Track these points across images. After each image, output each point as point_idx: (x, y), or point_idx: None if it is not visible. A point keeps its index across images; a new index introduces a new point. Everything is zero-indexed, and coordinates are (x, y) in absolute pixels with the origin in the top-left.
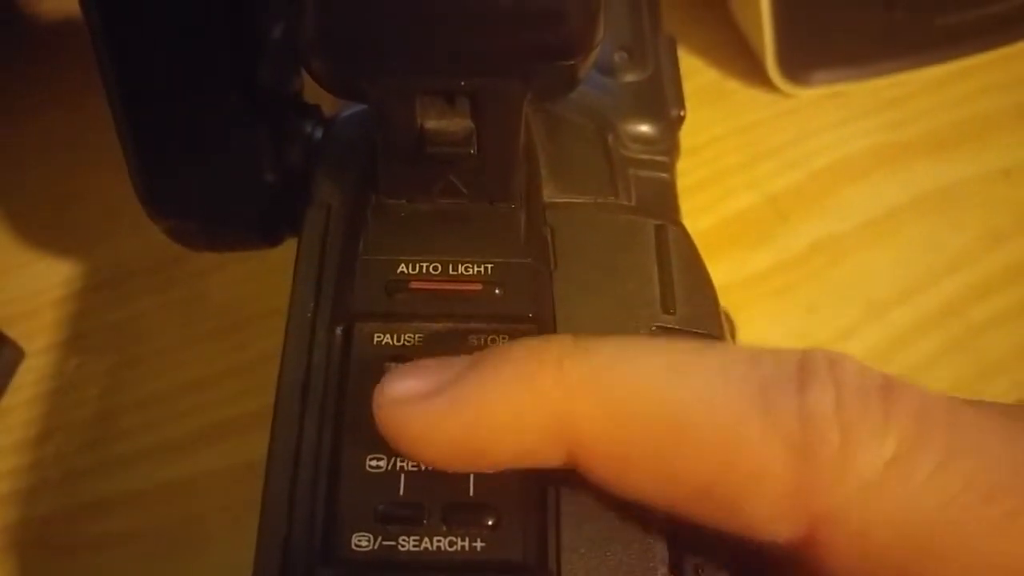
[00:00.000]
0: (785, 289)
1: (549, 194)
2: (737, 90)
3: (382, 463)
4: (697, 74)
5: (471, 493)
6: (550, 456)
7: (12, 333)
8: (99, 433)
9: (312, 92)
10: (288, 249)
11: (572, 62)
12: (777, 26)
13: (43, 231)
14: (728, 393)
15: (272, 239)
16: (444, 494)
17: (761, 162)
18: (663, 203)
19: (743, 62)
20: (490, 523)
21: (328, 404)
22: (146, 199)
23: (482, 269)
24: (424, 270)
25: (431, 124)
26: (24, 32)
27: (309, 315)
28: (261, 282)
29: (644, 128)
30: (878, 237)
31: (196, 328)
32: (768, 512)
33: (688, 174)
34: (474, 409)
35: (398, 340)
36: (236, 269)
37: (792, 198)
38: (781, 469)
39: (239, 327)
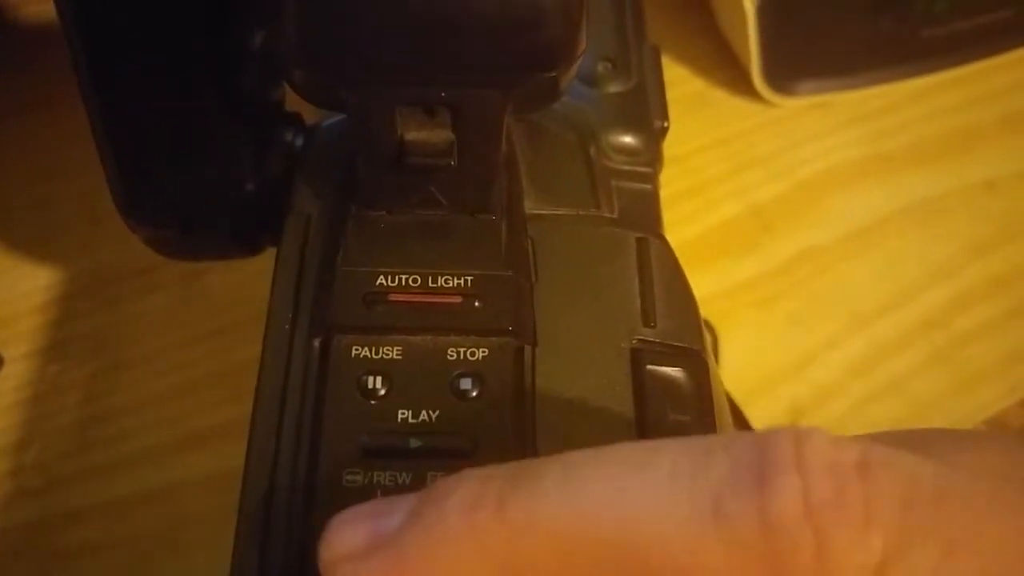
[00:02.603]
0: (769, 299)
1: (530, 206)
2: (722, 99)
3: (358, 478)
4: (682, 83)
5: None
6: None
7: None
8: (79, 441)
9: (293, 101)
10: (270, 257)
11: (554, 73)
12: (762, 36)
13: (23, 236)
14: (679, 510)
15: (252, 248)
16: None
17: (746, 172)
18: (645, 215)
19: (728, 72)
20: None
21: (305, 418)
22: (124, 208)
23: (462, 282)
24: (403, 282)
25: (411, 135)
26: (4, 36)
27: (287, 326)
28: (242, 289)
29: (627, 139)
30: (862, 247)
31: (176, 335)
32: None
33: (672, 184)
34: (417, 567)
35: (376, 353)
36: (217, 277)
37: (776, 208)
38: None
39: (219, 334)
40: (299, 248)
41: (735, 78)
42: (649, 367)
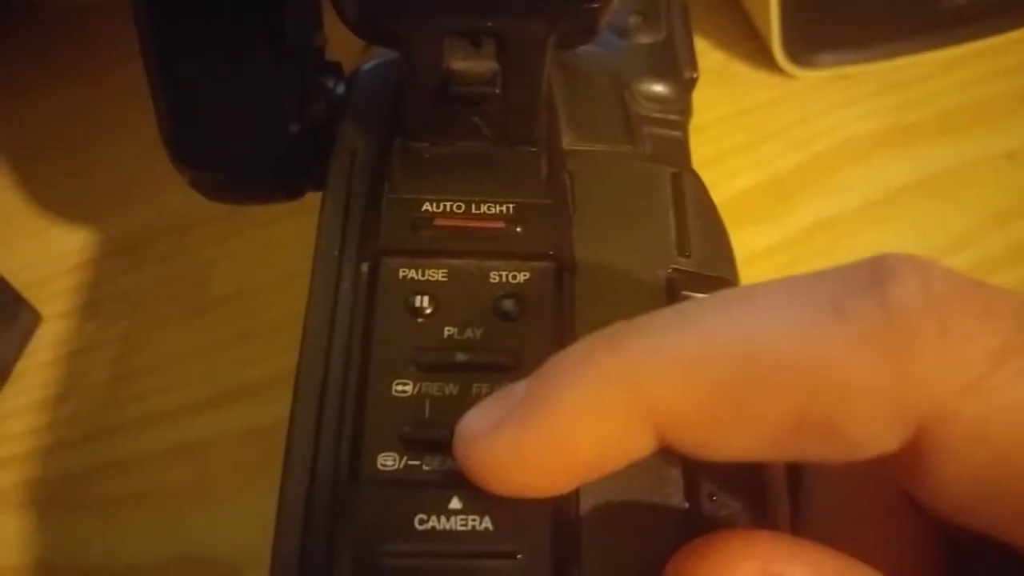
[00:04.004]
0: (789, 267)
1: (568, 141)
2: (742, 72)
3: (407, 388)
4: (702, 55)
5: None
6: (637, 443)
7: (29, 297)
8: (113, 396)
9: (332, 50)
10: (295, 221)
11: (596, 5)
12: (784, 9)
13: (58, 199)
14: (799, 313)
15: (293, 192)
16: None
17: (765, 142)
18: (677, 157)
19: (748, 44)
20: None
21: (355, 335)
22: (173, 148)
23: (504, 208)
24: (448, 208)
25: (457, 65)
26: (39, 6)
27: (336, 252)
28: (269, 252)
29: (658, 88)
30: (883, 217)
31: (206, 296)
32: (870, 428)
33: (692, 153)
34: (549, 419)
35: (423, 275)
36: (245, 240)
37: (796, 178)
38: (874, 375)
39: (247, 296)
40: (345, 181)
41: (755, 50)
42: (684, 293)
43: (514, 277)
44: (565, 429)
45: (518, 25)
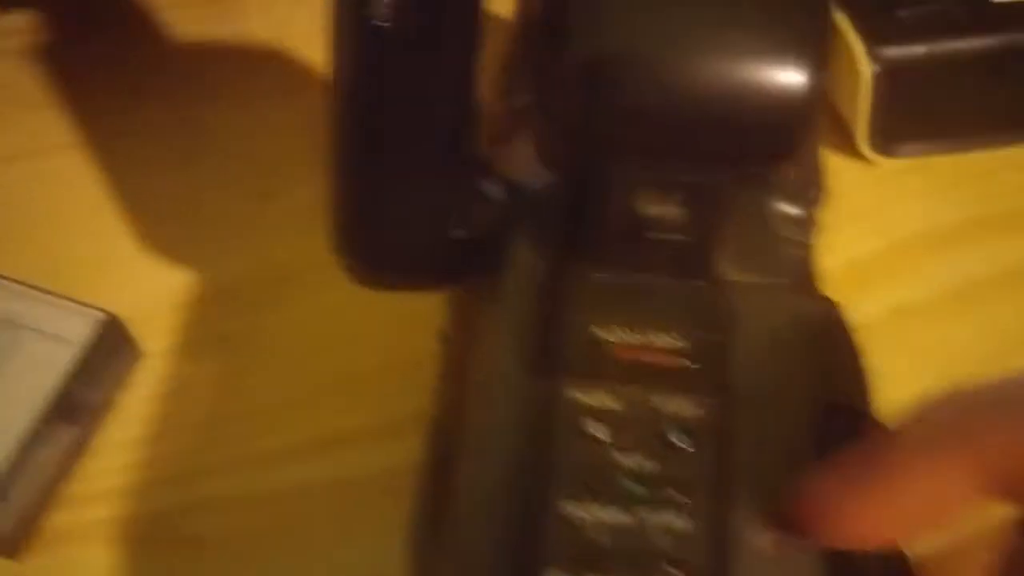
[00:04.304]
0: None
1: (724, 271)
2: (824, 156)
3: (584, 513)
4: None
5: (667, 548)
6: (974, 497)
7: (132, 333)
8: (209, 437)
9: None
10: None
11: (789, 160)
12: (875, 103)
13: (164, 239)
14: None
15: (440, 287)
16: (641, 546)
17: (844, 227)
18: (808, 279)
19: (832, 129)
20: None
21: (528, 453)
22: (341, 239)
23: (680, 343)
24: (626, 338)
25: (645, 209)
26: (155, 54)
27: (507, 368)
28: (367, 305)
29: (791, 210)
30: (959, 309)
31: (302, 345)
32: None
33: None
34: (898, 478)
35: (598, 400)
36: (343, 291)
37: (873, 265)
38: None
39: (344, 345)
40: (519, 298)
41: (839, 135)
42: (836, 429)
43: (686, 410)
44: (911, 489)
45: (715, 179)
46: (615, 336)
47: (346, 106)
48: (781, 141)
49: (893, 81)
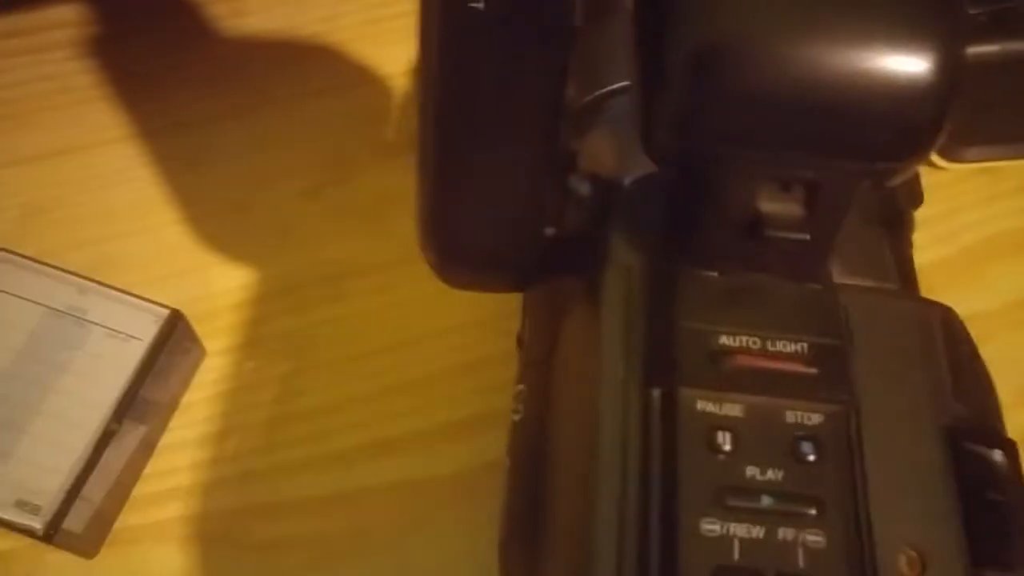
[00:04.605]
0: None
1: (836, 275)
2: None
3: (716, 527)
4: None
5: (801, 564)
6: None
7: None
8: (272, 437)
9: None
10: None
11: (916, 160)
12: None
13: (222, 236)
14: None
15: (523, 286)
16: (776, 562)
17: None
18: (915, 286)
19: None
20: None
21: (653, 464)
22: (431, 237)
23: (800, 348)
24: (745, 344)
25: (766, 207)
26: (206, 48)
27: (620, 374)
28: (428, 305)
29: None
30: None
31: (364, 344)
32: None
33: None
34: None
35: (720, 409)
36: (405, 291)
37: (939, 272)
38: None
39: (406, 347)
40: (623, 300)
41: None
42: (965, 444)
43: (809, 419)
44: None
45: (836, 176)
46: (735, 341)
47: (435, 95)
48: (914, 135)
49: (955, 80)
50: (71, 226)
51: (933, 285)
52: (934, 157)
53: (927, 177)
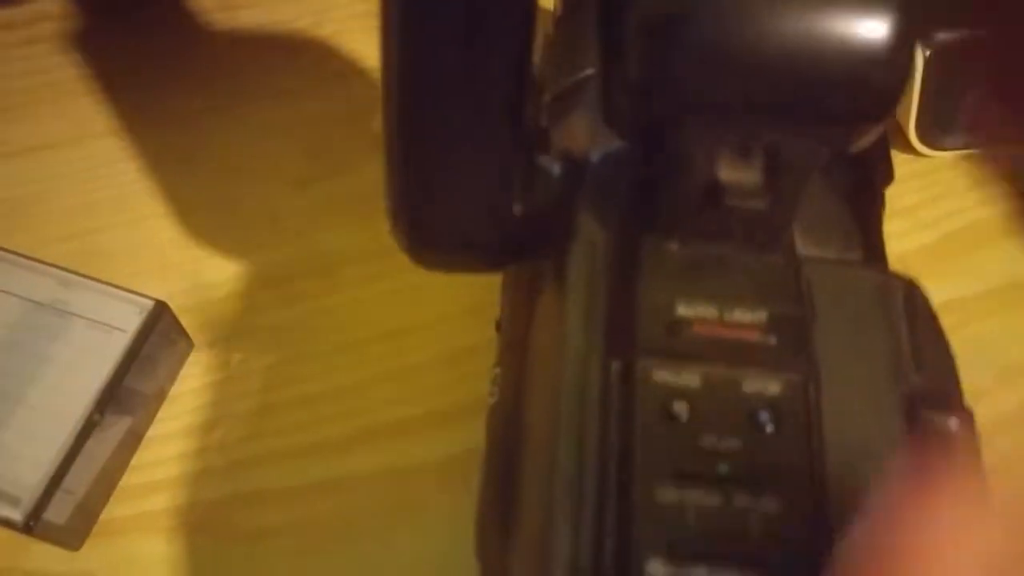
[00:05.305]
0: None
1: (801, 247)
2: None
3: (672, 496)
4: None
5: (756, 532)
6: None
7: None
8: (259, 427)
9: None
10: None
11: (877, 125)
12: (924, 92)
13: (210, 229)
14: None
15: (497, 266)
16: (733, 530)
17: (893, 221)
18: (883, 259)
19: None
20: (775, 562)
21: (611, 434)
22: (405, 227)
23: (758, 317)
24: (704, 313)
25: (725, 175)
26: (193, 42)
27: (582, 348)
28: (418, 294)
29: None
30: (1010, 303)
31: (352, 335)
32: None
33: None
34: None
35: (678, 379)
36: (393, 281)
37: (922, 259)
38: None
39: (395, 336)
40: (588, 274)
41: (888, 128)
42: (924, 411)
43: (767, 388)
44: None
45: (796, 142)
46: (693, 311)
47: (396, 79)
48: (870, 97)
49: (945, 66)
50: (58, 220)
51: (917, 271)
52: (917, 145)
53: (910, 165)
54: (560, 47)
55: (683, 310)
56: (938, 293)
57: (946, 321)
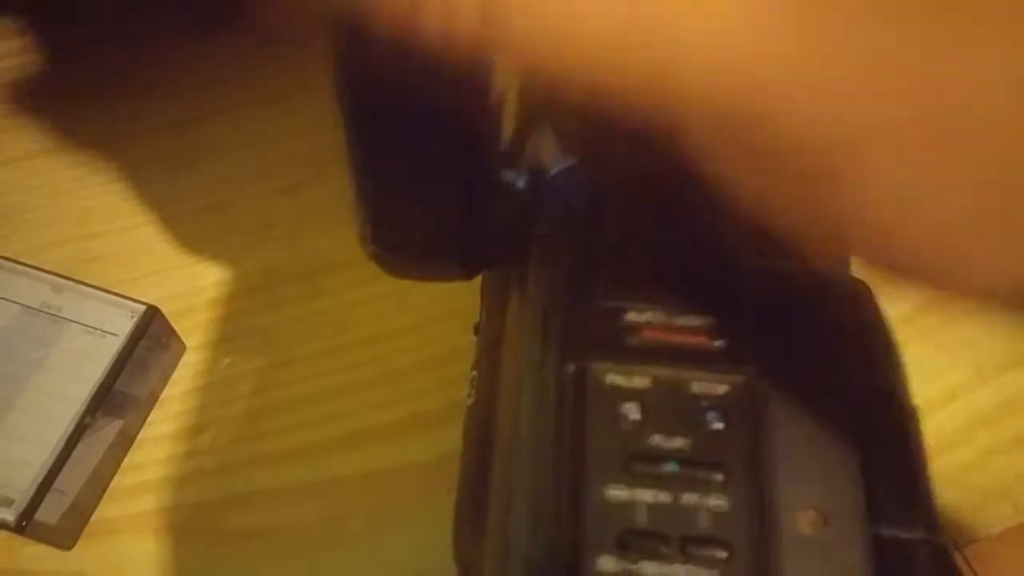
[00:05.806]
0: (922, 335)
1: (746, 252)
2: None
3: (622, 493)
4: None
5: (704, 527)
6: None
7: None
8: (249, 430)
9: None
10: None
11: None
12: None
13: (201, 235)
14: None
15: (469, 274)
16: (681, 526)
17: None
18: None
19: None
20: (723, 556)
21: (565, 435)
22: (372, 237)
23: (705, 321)
24: (654, 319)
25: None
26: (184, 50)
27: (539, 352)
28: (405, 299)
29: None
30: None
31: (340, 338)
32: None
33: None
34: None
35: (629, 382)
36: (381, 285)
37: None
38: None
39: (382, 340)
40: (543, 282)
41: None
42: (872, 409)
43: (715, 389)
44: None
45: None
46: (642, 317)
47: (353, 104)
48: None
49: None
50: (51, 226)
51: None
52: None
53: None
54: None
55: (633, 315)
56: (917, 294)
57: (925, 321)
